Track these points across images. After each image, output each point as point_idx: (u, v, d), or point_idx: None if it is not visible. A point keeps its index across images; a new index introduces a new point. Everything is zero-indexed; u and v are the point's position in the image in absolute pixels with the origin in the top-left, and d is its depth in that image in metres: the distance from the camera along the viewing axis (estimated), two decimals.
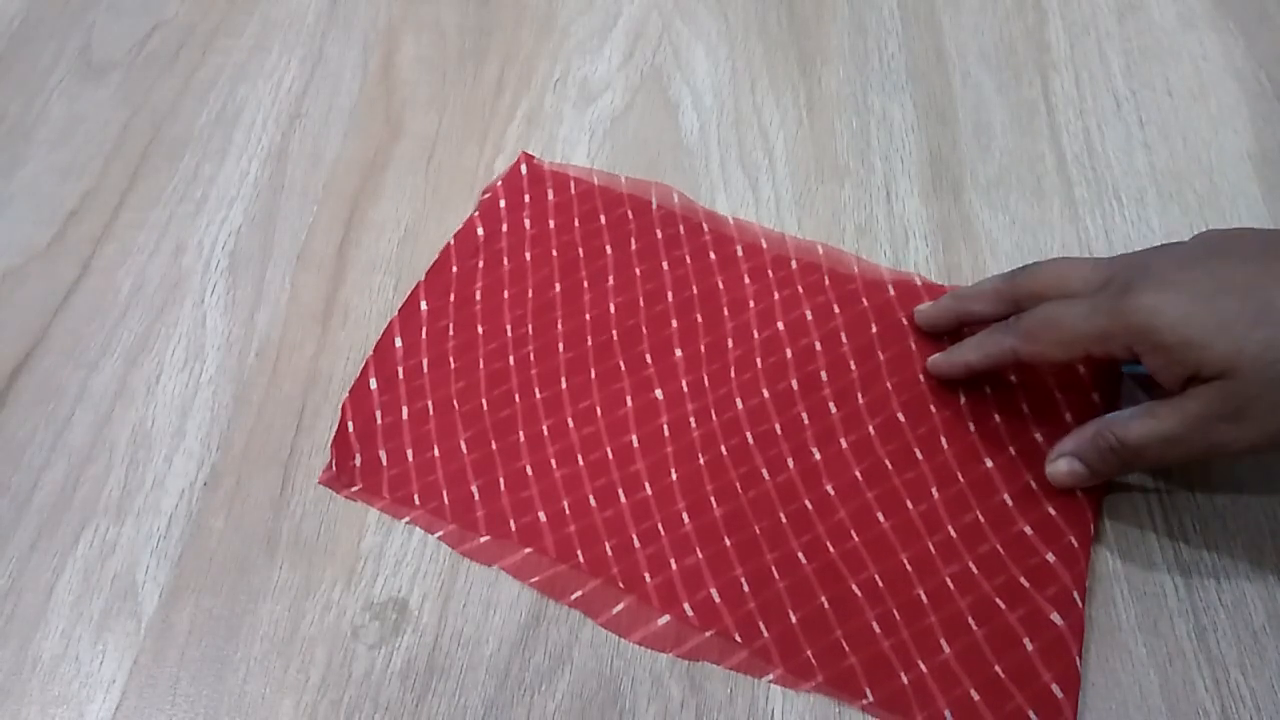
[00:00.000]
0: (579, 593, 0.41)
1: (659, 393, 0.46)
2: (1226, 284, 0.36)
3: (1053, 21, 0.60)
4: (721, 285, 0.49)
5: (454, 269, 0.49)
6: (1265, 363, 0.35)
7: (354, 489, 0.43)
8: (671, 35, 0.60)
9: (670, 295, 0.48)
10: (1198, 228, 0.51)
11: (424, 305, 0.48)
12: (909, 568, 0.41)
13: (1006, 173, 0.53)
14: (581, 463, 0.44)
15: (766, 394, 0.45)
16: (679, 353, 0.47)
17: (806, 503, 0.43)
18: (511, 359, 0.46)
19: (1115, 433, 0.39)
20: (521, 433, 0.44)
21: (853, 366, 0.46)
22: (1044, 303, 0.41)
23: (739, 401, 0.45)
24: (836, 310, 0.48)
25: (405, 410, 0.45)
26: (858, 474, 0.43)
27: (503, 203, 0.51)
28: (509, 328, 0.47)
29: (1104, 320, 0.38)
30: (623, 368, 0.46)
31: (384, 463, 0.44)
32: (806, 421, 0.45)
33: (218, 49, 0.59)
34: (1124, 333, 0.37)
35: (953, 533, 0.42)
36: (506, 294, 0.48)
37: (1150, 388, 0.44)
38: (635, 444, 0.44)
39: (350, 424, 0.44)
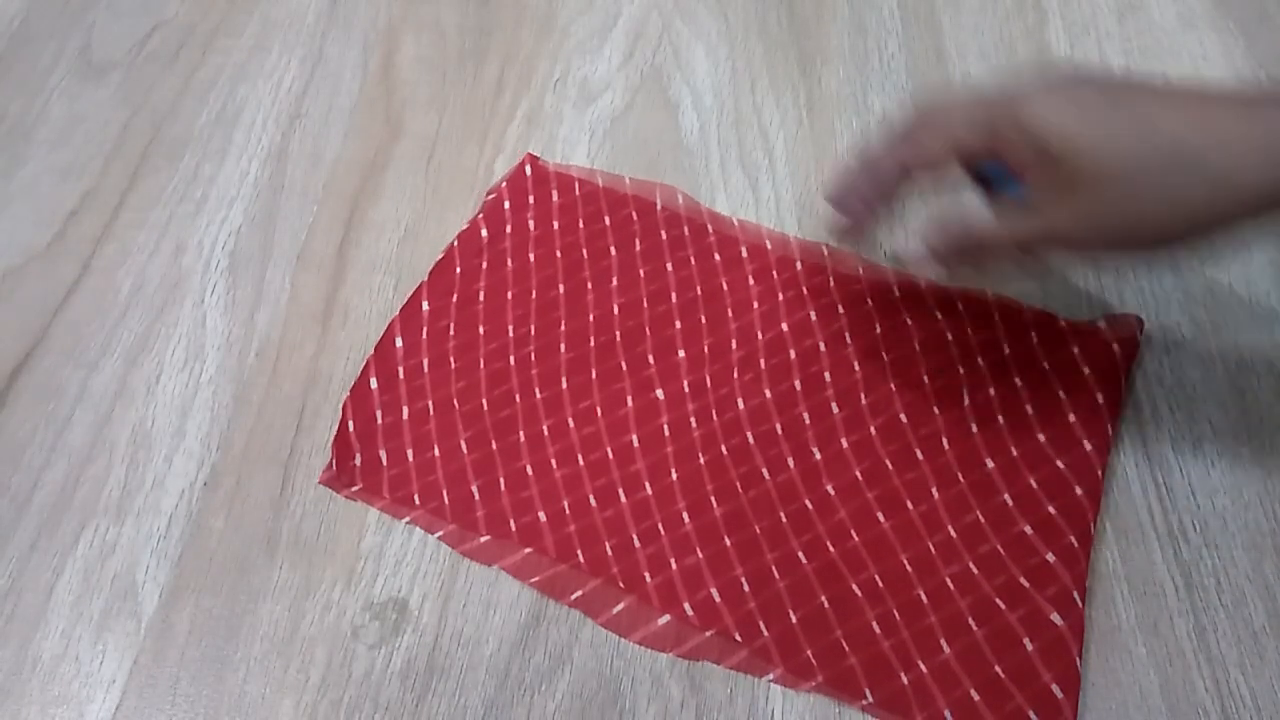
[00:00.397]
0: (579, 593, 0.41)
1: (660, 393, 0.46)
2: (1098, 90, 0.37)
3: (1053, 21, 0.60)
4: (726, 286, 0.49)
5: (458, 269, 0.49)
6: (1117, 160, 0.36)
7: (354, 489, 0.43)
8: (671, 35, 0.60)
9: (674, 296, 0.48)
10: None
11: (426, 305, 0.48)
12: (909, 568, 0.41)
13: None
14: (582, 462, 0.44)
15: (769, 394, 0.45)
16: (681, 353, 0.47)
17: (807, 502, 0.43)
18: (512, 359, 0.46)
19: (971, 227, 0.40)
20: (522, 432, 0.44)
21: (856, 368, 0.46)
22: None
23: (740, 401, 0.45)
24: (841, 311, 0.48)
25: (406, 410, 0.45)
26: (858, 474, 0.43)
27: (507, 204, 0.51)
28: (510, 327, 0.47)
29: (987, 112, 0.39)
30: (624, 368, 0.46)
31: (384, 462, 0.44)
32: (808, 421, 0.45)
33: (218, 49, 0.59)
34: (1007, 123, 0.38)
35: (953, 533, 0.42)
36: (509, 294, 0.48)
37: (991, 188, 0.43)
38: (636, 444, 0.44)
39: (350, 424, 0.44)
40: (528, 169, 0.52)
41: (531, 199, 0.52)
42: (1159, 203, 0.36)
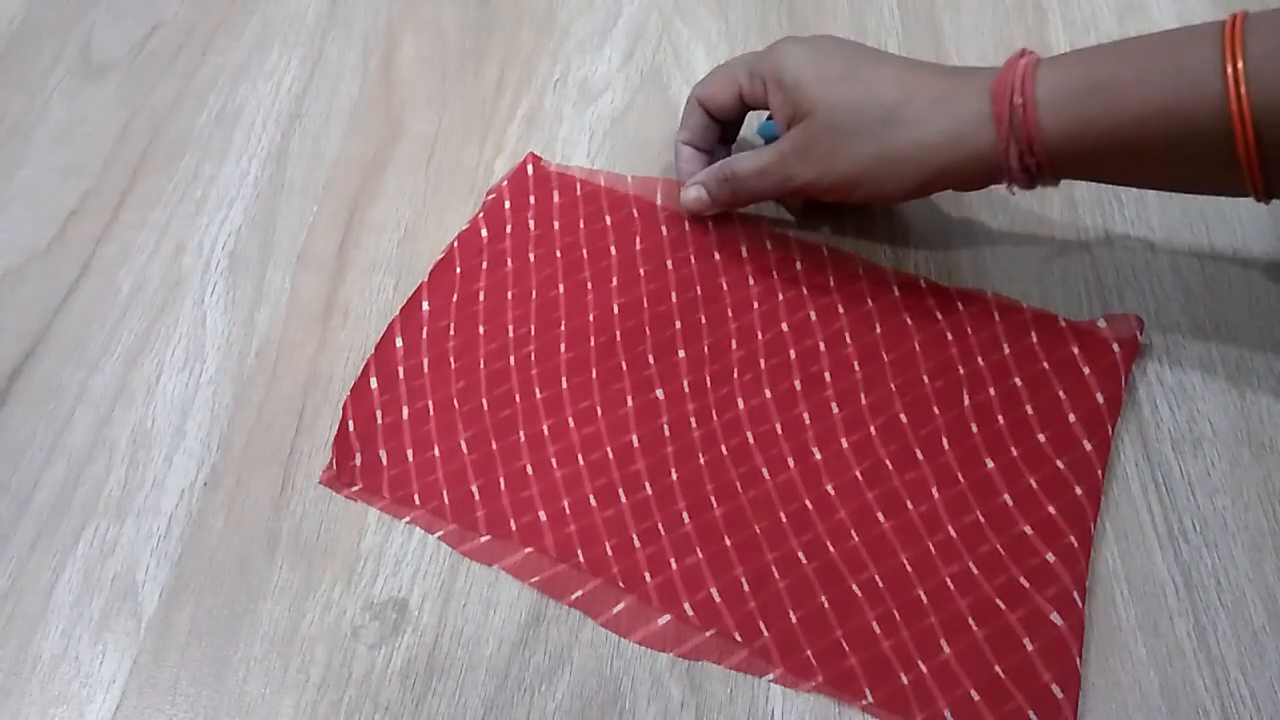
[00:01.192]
0: (579, 592, 0.41)
1: (660, 392, 0.46)
2: (839, 54, 0.46)
3: (1053, 21, 0.60)
4: (726, 286, 0.49)
5: (458, 269, 0.49)
6: (835, 111, 0.44)
7: (354, 489, 0.43)
8: (671, 35, 0.60)
9: (674, 295, 0.48)
10: (1197, 228, 0.51)
11: (426, 305, 0.48)
12: (909, 568, 0.41)
13: None
14: (582, 462, 0.44)
15: (769, 394, 0.45)
16: (681, 353, 0.47)
17: (807, 502, 0.43)
18: (512, 359, 0.46)
19: (730, 164, 0.48)
20: (522, 432, 0.44)
21: (856, 368, 0.46)
22: None
23: (740, 401, 0.45)
24: (841, 311, 0.48)
25: (406, 410, 0.45)
26: (858, 474, 0.43)
27: (507, 204, 0.51)
28: (510, 327, 0.47)
29: (752, 60, 0.48)
30: (624, 367, 0.46)
31: (384, 462, 0.44)
32: (808, 422, 0.45)
33: (218, 49, 0.59)
34: (763, 68, 0.46)
35: (953, 533, 0.42)
36: (509, 294, 0.48)
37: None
38: (636, 443, 0.44)
39: (351, 423, 0.44)
40: (529, 169, 0.52)
41: (532, 199, 0.52)
42: (867, 149, 0.43)
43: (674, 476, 0.43)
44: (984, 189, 0.46)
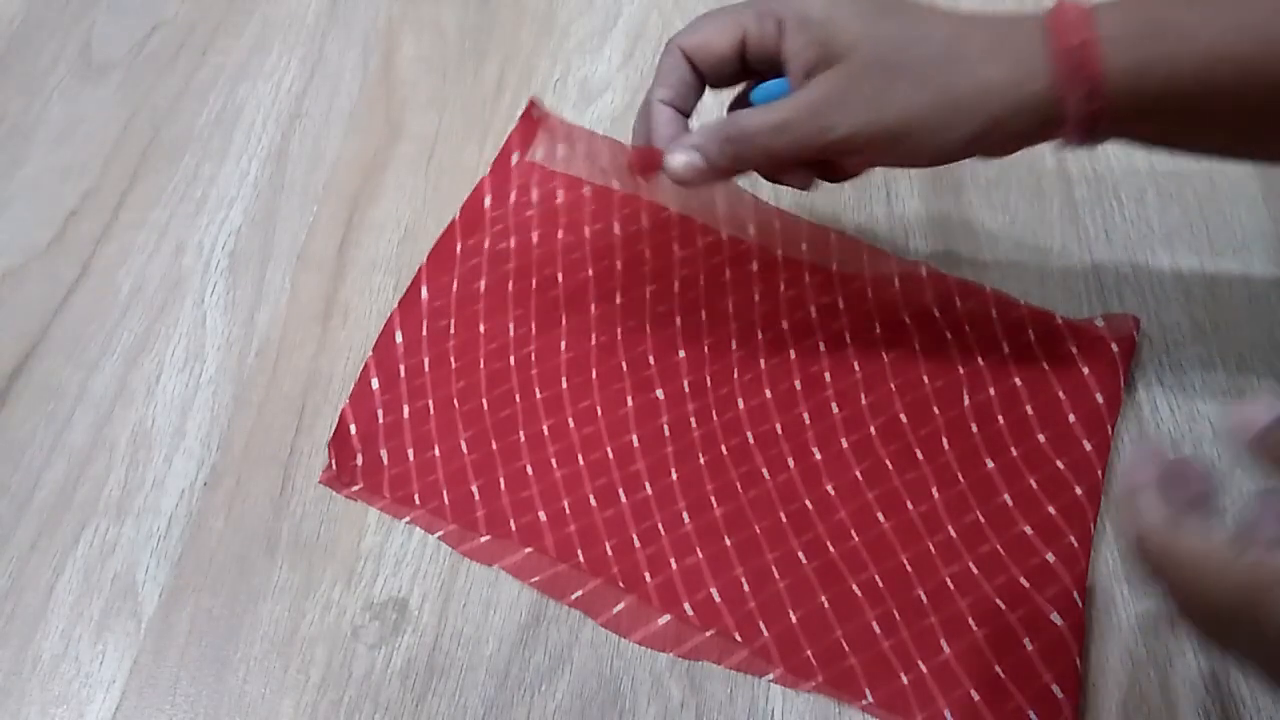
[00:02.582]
0: (579, 592, 0.41)
1: (660, 392, 0.46)
2: (886, 5, 0.39)
3: None
4: (726, 286, 0.49)
5: (458, 246, 0.49)
6: (881, 48, 0.37)
7: (354, 488, 0.43)
8: (671, 35, 0.59)
9: (675, 295, 0.48)
10: (1197, 228, 0.51)
11: (425, 292, 0.48)
12: (909, 568, 0.41)
13: (1006, 172, 0.53)
14: (582, 462, 0.44)
15: (769, 394, 0.45)
16: (682, 353, 0.47)
17: (807, 502, 0.43)
18: (512, 358, 0.46)
19: (734, 122, 0.40)
20: (522, 432, 0.44)
21: (856, 368, 0.46)
22: None
23: (740, 401, 0.45)
24: (841, 310, 0.48)
25: (406, 409, 0.45)
26: (858, 474, 0.43)
27: (515, 157, 0.51)
28: (511, 327, 0.47)
29: (768, 4, 0.40)
30: (624, 367, 0.46)
31: (385, 462, 0.44)
32: (808, 421, 0.45)
33: (218, 49, 0.59)
34: (777, 5, 0.39)
35: (953, 533, 0.42)
36: (510, 293, 0.48)
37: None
38: (636, 443, 0.44)
39: (351, 423, 0.44)
40: (535, 113, 0.53)
41: (535, 194, 0.51)
42: (924, 90, 0.37)
43: (674, 476, 0.43)
44: (1019, 151, 0.41)
